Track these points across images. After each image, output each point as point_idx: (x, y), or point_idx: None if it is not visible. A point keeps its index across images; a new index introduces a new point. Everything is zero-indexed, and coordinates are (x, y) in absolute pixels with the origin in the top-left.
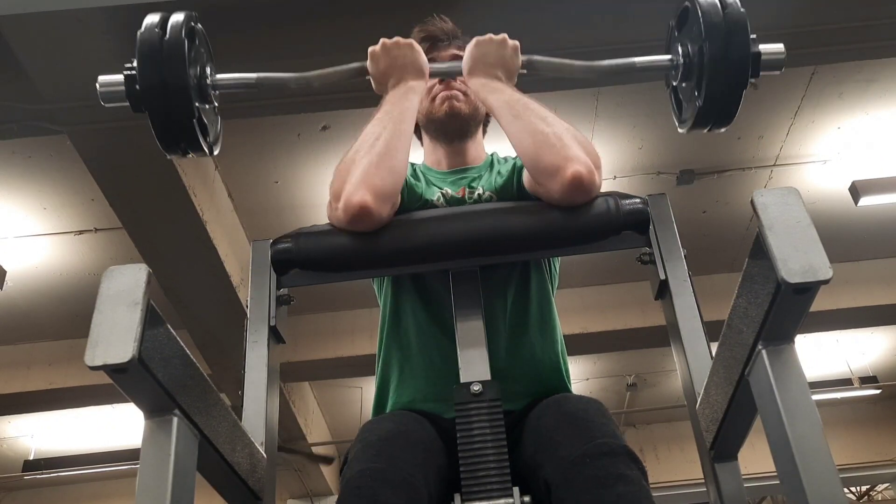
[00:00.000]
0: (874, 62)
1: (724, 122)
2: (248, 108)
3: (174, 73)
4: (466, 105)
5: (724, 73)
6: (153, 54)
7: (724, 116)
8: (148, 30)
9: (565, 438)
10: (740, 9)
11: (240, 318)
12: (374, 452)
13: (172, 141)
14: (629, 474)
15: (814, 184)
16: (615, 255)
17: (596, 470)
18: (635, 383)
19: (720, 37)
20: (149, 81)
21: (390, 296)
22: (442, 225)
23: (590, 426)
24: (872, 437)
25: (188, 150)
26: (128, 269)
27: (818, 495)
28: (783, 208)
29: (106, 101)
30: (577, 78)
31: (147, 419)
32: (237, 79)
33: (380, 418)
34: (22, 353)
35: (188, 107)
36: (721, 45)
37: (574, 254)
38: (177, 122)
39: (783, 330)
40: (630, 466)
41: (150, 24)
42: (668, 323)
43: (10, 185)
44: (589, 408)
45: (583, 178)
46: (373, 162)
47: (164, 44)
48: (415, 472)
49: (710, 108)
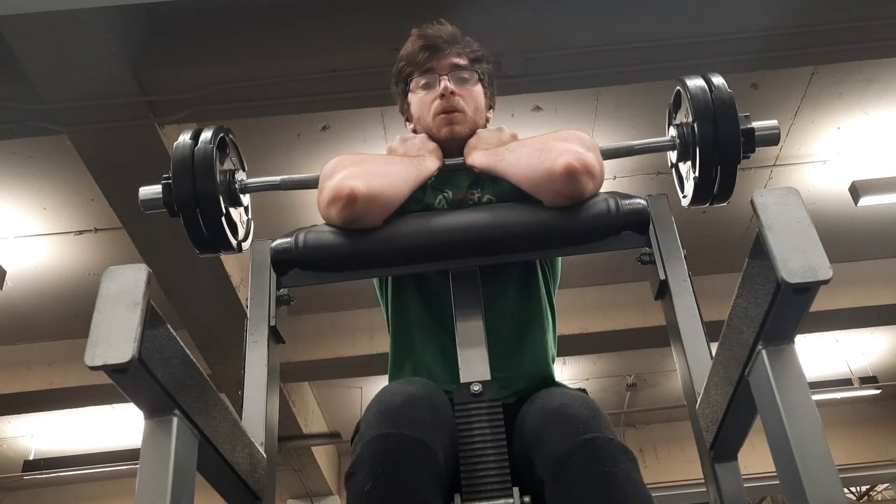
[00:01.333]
0: (874, 62)
1: (723, 198)
2: (249, 108)
3: (204, 182)
4: (465, 126)
5: (715, 154)
6: (184, 168)
7: (721, 193)
8: (181, 144)
9: (550, 437)
10: (727, 89)
11: (240, 318)
12: (393, 417)
13: (205, 243)
14: (615, 470)
15: (814, 184)
16: (615, 255)
17: (582, 469)
18: (635, 383)
19: (709, 119)
20: (182, 192)
21: (391, 295)
22: (442, 225)
23: (573, 421)
24: (872, 437)
25: (219, 249)
26: (128, 270)
27: (818, 495)
28: (783, 208)
29: (147, 209)
30: None
31: (147, 419)
32: (264, 182)
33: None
34: (22, 353)
35: (217, 212)
36: (711, 126)
37: (574, 254)
38: (208, 226)
39: (783, 330)
40: (618, 460)
41: (183, 140)
42: (668, 323)
43: (10, 185)
44: (573, 402)
45: (574, 166)
46: (376, 172)
47: (195, 157)
48: (433, 437)
49: (706, 185)
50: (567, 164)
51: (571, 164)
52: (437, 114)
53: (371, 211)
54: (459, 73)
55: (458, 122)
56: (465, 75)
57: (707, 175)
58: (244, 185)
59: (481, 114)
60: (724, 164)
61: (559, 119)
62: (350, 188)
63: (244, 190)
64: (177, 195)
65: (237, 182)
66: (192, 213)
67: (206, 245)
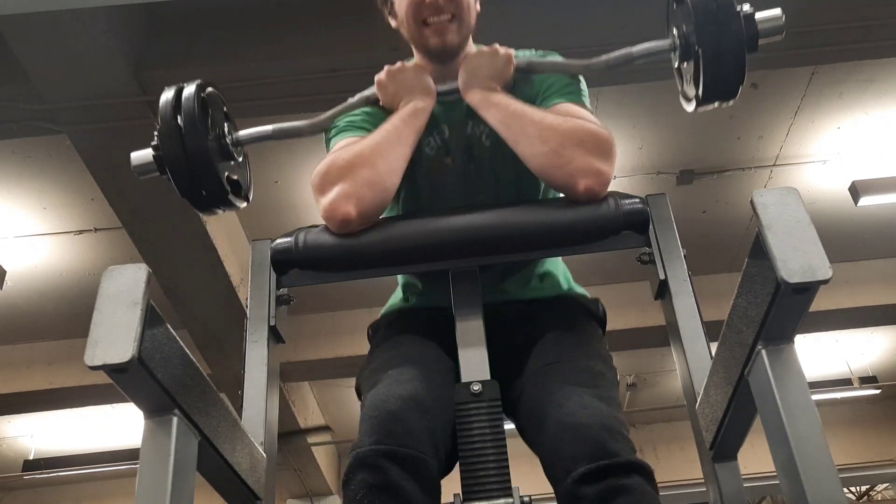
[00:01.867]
0: (874, 62)
1: (730, 96)
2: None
3: (193, 142)
4: (458, 34)
5: (720, 46)
6: (171, 125)
7: (728, 90)
8: (165, 103)
9: (565, 450)
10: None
11: (240, 317)
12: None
13: (202, 200)
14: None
15: (813, 184)
16: (615, 255)
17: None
18: (635, 383)
19: (711, 11)
20: (171, 154)
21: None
22: (442, 225)
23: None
24: (872, 437)
25: (218, 205)
26: (128, 269)
27: (818, 495)
28: (783, 208)
29: (140, 174)
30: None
31: (147, 419)
32: (256, 133)
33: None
34: (22, 353)
35: (209, 167)
36: (713, 18)
37: (574, 254)
38: (205, 186)
39: (783, 330)
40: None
41: (167, 97)
42: (667, 323)
43: (10, 185)
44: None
45: (594, 189)
46: (368, 180)
47: (182, 112)
48: (424, 446)
49: (712, 83)
50: (588, 188)
51: (592, 189)
52: (426, 21)
53: (368, 221)
54: None
55: (449, 30)
56: None
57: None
58: (236, 139)
59: (473, 12)
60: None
61: None
62: (343, 215)
63: (236, 143)
64: (166, 153)
65: (228, 136)
66: (184, 171)
67: (204, 202)
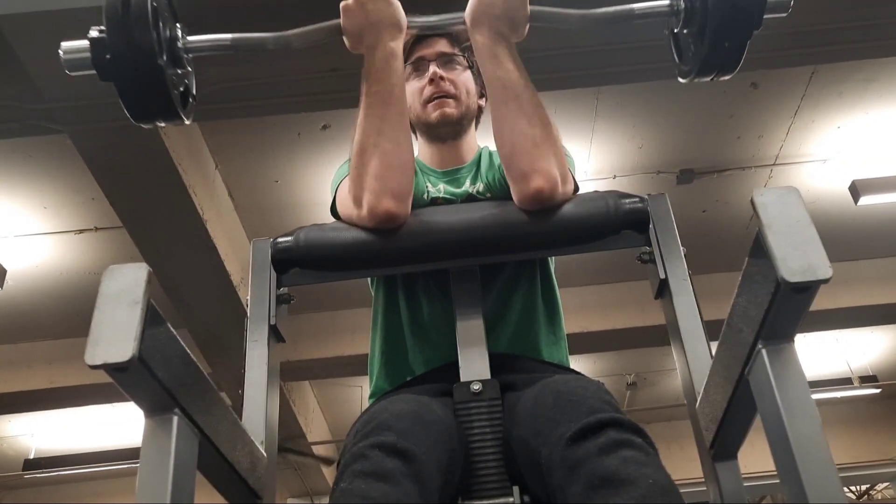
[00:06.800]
0: (873, 62)
1: (729, 70)
2: (249, 107)
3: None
4: (457, 109)
5: (731, 16)
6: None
7: (729, 63)
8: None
9: (563, 416)
10: None
11: (240, 317)
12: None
13: (142, 109)
14: (634, 440)
15: (813, 183)
16: (615, 255)
17: (597, 440)
18: (635, 382)
19: None
20: (115, 43)
21: (383, 289)
22: (442, 225)
23: (589, 402)
24: (872, 437)
25: (159, 116)
26: (128, 268)
27: (818, 494)
28: (783, 207)
29: (71, 70)
30: (574, 28)
31: (147, 418)
32: (211, 40)
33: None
34: (22, 352)
35: (156, 70)
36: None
37: (574, 253)
38: (149, 88)
39: (783, 329)
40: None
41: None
42: (667, 322)
43: (10, 185)
44: (589, 385)
45: (542, 194)
46: (383, 163)
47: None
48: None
49: (714, 54)
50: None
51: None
52: (428, 99)
53: (406, 199)
54: (448, 59)
55: (448, 105)
56: (453, 61)
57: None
58: (187, 45)
59: (473, 98)
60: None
61: (559, 119)
62: (383, 212)
63: (188, 49)
64: (110, 47)
65: (179, 41)
66: (128, 66)
67: (144, 111)
